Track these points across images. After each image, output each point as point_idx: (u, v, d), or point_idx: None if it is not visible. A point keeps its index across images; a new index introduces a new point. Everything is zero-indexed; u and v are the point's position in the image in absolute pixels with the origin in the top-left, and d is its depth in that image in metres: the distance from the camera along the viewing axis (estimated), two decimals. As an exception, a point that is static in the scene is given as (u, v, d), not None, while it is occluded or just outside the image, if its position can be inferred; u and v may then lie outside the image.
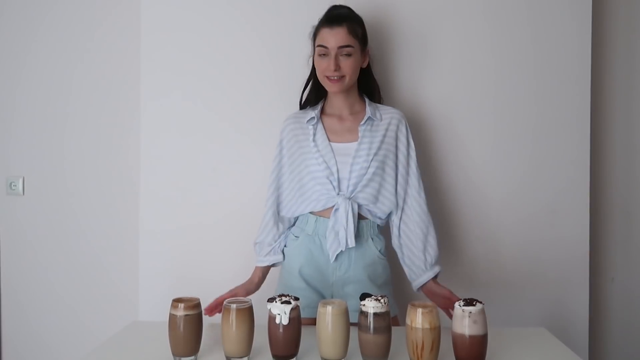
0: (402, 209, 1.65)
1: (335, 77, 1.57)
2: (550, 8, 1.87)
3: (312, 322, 1.29)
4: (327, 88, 1.62)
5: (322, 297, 1.60)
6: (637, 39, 2.02)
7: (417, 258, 1.63)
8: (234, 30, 1.89)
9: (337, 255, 1.56)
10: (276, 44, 1.88)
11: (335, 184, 1.57)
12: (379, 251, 1.61)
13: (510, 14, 1.87)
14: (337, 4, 1.66)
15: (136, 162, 1.93)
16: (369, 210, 1.60)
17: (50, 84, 2.10)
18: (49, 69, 2.10)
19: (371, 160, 1.58)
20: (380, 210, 1.61)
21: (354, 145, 1.59)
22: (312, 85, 1.71)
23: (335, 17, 1.58)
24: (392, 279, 1.69)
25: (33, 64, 2.10)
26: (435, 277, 1.62)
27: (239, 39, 1.89)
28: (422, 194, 1.66)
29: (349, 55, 1.56)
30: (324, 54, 1.57)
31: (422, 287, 1.62)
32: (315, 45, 1.61)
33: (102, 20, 2.07)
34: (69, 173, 2.09)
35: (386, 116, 1.65)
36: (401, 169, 1.64)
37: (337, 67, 1.55)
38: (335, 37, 1.55)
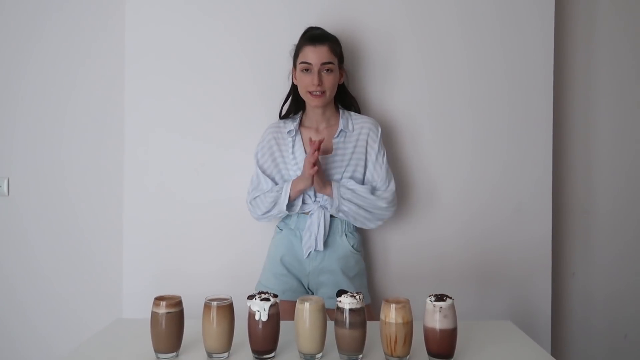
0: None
1: (318, 92, 1.63)
2: (513, 20, 1.90)
3: (292, 305, 1.30)
4: (309, 103, 1.68)
5: (301, 283, 1.71)
6: (595, 52, 2.07)
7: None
8: (217, 38, 1.88)
9: None
10: (258, 52, 1.88)
11: (310, 193, 1.68)
12: (352, 246, 1.70)
13: (474, 26, 1.90)
14: (313, 25, 1.72)
15: (120, 163, 1.90)
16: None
17: (35, 85, 2.06)
18: (34, 71, 2.05)
19: (343, 172, 1.68)
20: None
21: (328, 157, 1.68)
22: (291, 99, 1.77)
23: (318, 36, 1.67)
24: (366, 272, 1.77)
25: (19, 67, 2.05)
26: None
27: (223, 47, 1.89)
28: (390, 186, 1.69)
29: (330, 71, 1.64)
30: (307, 70, 1.63)
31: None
32: (298, 62, 1.66)
33: (87, 20, 2.03)
34: (53, 173, 2.05)
35: (358, 126, 1.71)
36: (369, 170, 1.70)
37: (320, 82, 1.61)
38: (318, 55, 1.63)
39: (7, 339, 2.07)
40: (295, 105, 1.77)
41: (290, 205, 1.67)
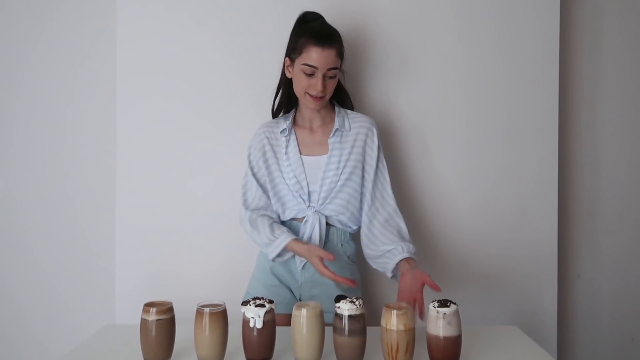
0: (371, 214, 1.55)
1: (319, 96, 1.49)
2: (518, 16, 1.83)
3: (285, 318, 1.21)
4: (306, 104, 1.53)
5: (293, 295, 1.57)
6: (601, 49, 1.99)
7: (393, 248, 1.50)
8: (208, 36, 1.80)
9: None
10: (249, 50, 1.79)
11: (305, 197, 1.53)
12: (348, 257, 1.57)
13: (479, 22, 1.82)
14: (309, 10, 1.56)
15: (112, 167, 1.83)
16: (338, 220, 1.56)
17: (24, 86, 1.96)
18: (25, 85, 1.96)
19: (340, 174, 1.53)
20: (349, 220, 1.56)
21: (324, 158, 1.54)
22: (283, 93, 1.62)
23: (327, 37, 1.48)
24: (361, 283, 1.64)
25: (9, 82, 1.97)
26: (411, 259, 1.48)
27: (213, 45, 1.80)
28: (392, 201, 1.57)
29: (333, 77, 1.50)
30: (311, 73, 1.48)
31: (398, 268, 1.47)
32: (300, 62, 1.49)
33: (79, 29, 1.95)
34: (43, 175, 1.96)
35: (355, 125, 1.58)
36: (367, 178, 1.56)
37: (324, 88, 1.48)
38: (326, 59, 1.46)
39: (3, 339, 1.99)
40: (287, 100, 1.63)
41: (278, 255, 1.51)
